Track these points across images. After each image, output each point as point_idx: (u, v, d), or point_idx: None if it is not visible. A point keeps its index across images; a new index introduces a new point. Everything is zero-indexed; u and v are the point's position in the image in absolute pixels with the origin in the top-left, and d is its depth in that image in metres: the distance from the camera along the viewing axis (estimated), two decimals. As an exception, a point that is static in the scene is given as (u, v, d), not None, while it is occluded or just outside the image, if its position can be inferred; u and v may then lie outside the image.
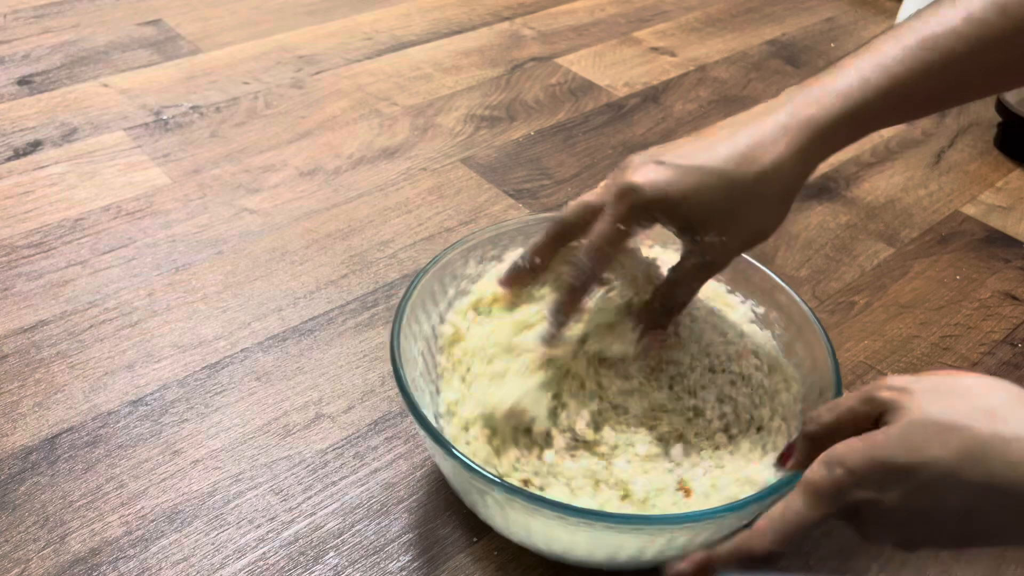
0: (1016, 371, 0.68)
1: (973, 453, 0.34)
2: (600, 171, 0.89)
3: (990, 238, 0.83)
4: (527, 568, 0.52)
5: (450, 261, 0.57)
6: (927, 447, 0.35)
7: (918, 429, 0.36)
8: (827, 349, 0.52)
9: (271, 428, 0.60)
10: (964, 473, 0.34)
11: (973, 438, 0.34)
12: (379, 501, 0.55)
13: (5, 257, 0.72)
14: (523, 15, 1.20)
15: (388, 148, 0.90)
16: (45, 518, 0.53)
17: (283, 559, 0.52)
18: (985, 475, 0.34)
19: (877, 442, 0.36)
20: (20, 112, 0.91)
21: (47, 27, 1.07)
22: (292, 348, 0.66)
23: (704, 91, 1.05)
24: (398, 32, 1.13)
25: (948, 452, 0.35)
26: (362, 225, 0.79)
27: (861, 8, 1.29)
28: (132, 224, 0.77)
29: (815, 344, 0.54)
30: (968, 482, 0.34)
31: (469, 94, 1.00)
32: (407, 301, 0.53)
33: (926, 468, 0.35)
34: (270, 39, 1.09)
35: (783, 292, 0.57)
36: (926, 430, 0.35)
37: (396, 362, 0.49)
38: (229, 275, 0.72)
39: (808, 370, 0.55)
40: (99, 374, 0.63)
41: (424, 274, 0.55)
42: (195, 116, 0.92)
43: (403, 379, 0.48)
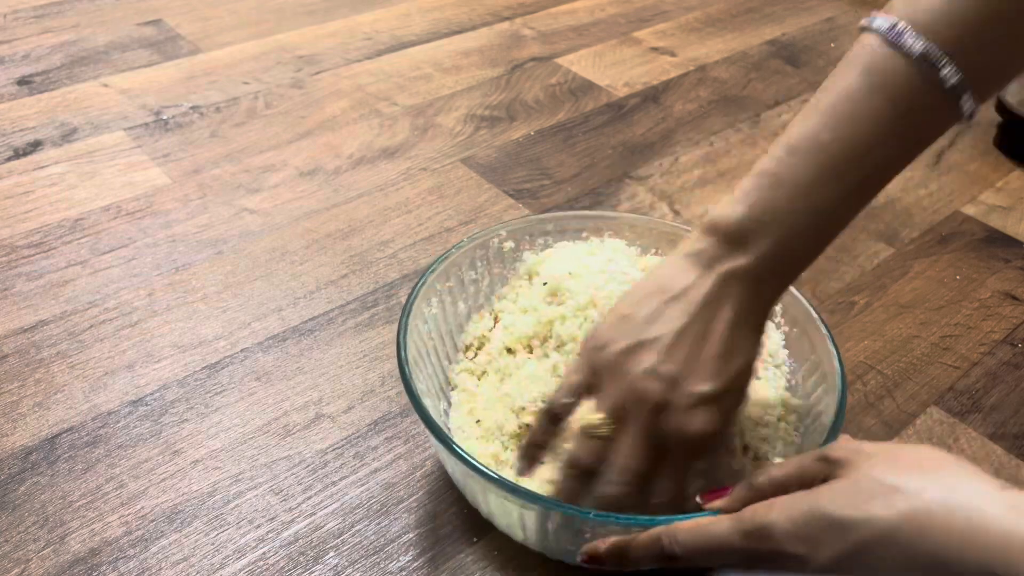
0: (1016, 371, 0.68)
1: (917, 518, 0.33)
2: (600, 171, 0.89)
3: (990, 238, 0.83)
4: (527, 568, 0.52)
5: (455, 261, 0.58)
6: (870, 505, 0.34)
7: (864, 487, 0.35)
8: (832, 350, 0.52)
9: (271, 428, 0.60)
10: (905, 537, 0.33)
11: (920, 504, 0.33)
12: (379, 501, 0.55)
13: (5, 257, 0.72)
14: (523, 15, 1.20)
15: (388, 148, 0.90)
16: (45, 518, 0.53)
17: (283, 559, 0.52)
18: (929, 546, 0.33)
19: (821, 494, 0.36)
20: (20, 112, 0.91)
21: (47, 27, 1.07)
22: (292, 348, 0.66)
23: (704, 91, 1.05)
24: (398, 32, 1.13)
25: (891, 512, 0.33)
26: (362, 225, 0.79)
27: (861, 8, 1.29)
28: (132, 224, 0.77)
29: (819, 344, 0.54)
30: (909, 548, 0.33)
31: (469, 94, 1.00)
32: (413, 299, 0.53)
33: (866, 525, 0.33)
34: (270, 39, 1.09)
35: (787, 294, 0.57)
36: (872, 488, 0.34)
37: (401, 355, 0.49)
38: (229, 275, 0.72)
39: (812, 370, 0.55)
40: (99, 374, 0.63)
41: (431, 272, 0.56)
42: (195, 116, 0.92)
43: (408, 375, 0.48)
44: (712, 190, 0.87)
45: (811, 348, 0.55)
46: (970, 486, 0.34)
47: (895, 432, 0.62)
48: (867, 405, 0.64)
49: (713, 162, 0.92)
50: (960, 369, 0.68)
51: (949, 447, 0.62)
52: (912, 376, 0.67)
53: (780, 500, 0.37)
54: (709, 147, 0.94)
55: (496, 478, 0.44)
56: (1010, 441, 0.62)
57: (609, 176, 0.88)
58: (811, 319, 0.55)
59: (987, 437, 0.62)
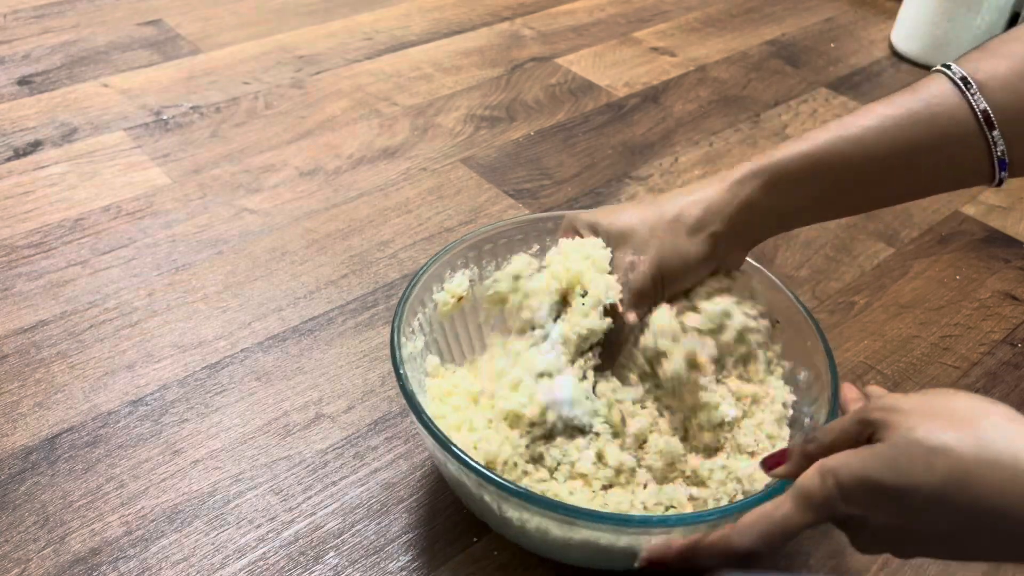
0: (1016, 371, 0.68)
1: (958, 478, 0.34)
2: (600, 171, 0.89)
3: (990, 238, 0.83)
4: (527, 568, 0.52)
5: (448, 260, 0.57)
6: (913, 471, 0.35)
7: (904, 451, 0.36)
8: (825, 352, 0.52)
9: (271, 428, 0.60)
10: (950, 498, 0.34)
11: (958, 462, 0.34)
12: (379, 501, 0.55)
13: (5, 257, 0.72)
14: (523, 15, 1.20)
15: (388, 148, 0.90)
16: (45, 518, 0.53)
17: (283, 559, 0.52)
18: (971, 500, 0.34)
19: (866, 460, 0.37)
20: (20, 112, 0.91)
21: (47, 27, 1.07)
22: (292, 348, 0.66)
23: (704, 91, 1.05)
24: (398, 32, 1.13)
25: (934, 477, 0.35)
26: (362, 225, 0.79)
27: (861, 8, 1.29)
28: (132, 224, 0.77)
29: (813, 346, 0.54)
30: (954, 506, 0.34)
31: (469, 94, 1.00)
32: (406, 300, 0.53)
33: (913, 492, 0.35)
34: (270, 39, 1.09)
35: (780, 292, 0.57)
36: (912, 452, 0.36)
37: (396, 357, 0.49)
38: (229, 275, 0.72)
39: (807, 370, 0.55)
40: (99, 374, 0.63)
41: (423, 272, 0.55)
42: (195, 116, 0.92)
43: (403, 376, 0.48)
44: (712, 190, 0.87)
45: (806, 352, 0.55)
46: (1007, 435, 0.35)
47: (895, 432, 0.62)
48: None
49: (713, 162, 0.92)
50: (960, 369, 0.68)
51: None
52: (912, 376, 0.67)
53: (827, 465, 0.38)
54: (709, 147, 0.94)
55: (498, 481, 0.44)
56: (1010, 441, 0.62)
57: (609, 176, 0.88)
58: (807, 323, 0.54)
59: (987, 437, 0.62)
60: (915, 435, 0.36)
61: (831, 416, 0.49)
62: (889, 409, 0.38)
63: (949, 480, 0.34)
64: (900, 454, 0.36)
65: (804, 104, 1.03)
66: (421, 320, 0.55)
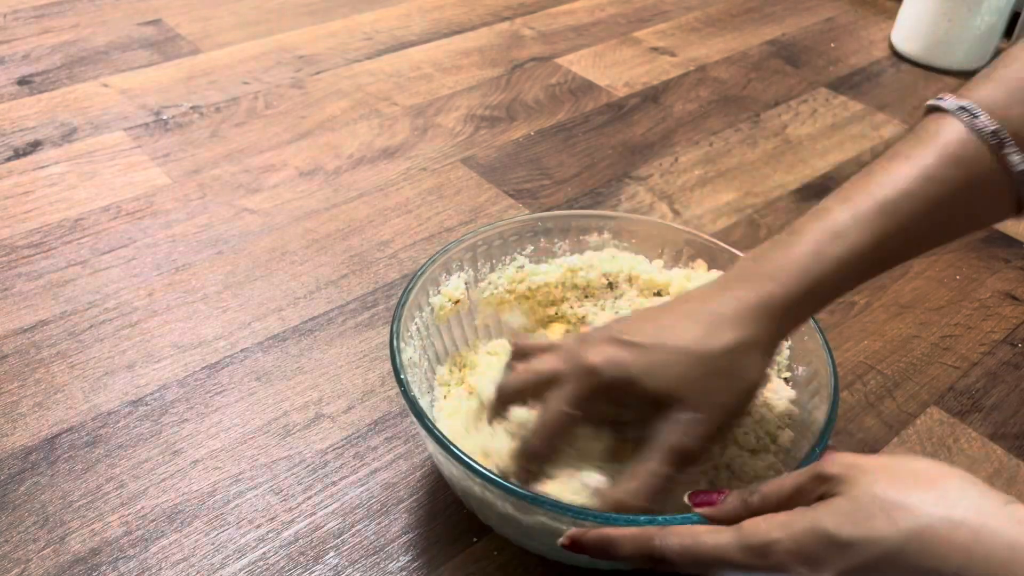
0: (1016, 371, 0.68)
1: (921, 535, 0.32)
2: (600, 171, 0.89)
3: (990, 238, 0.83)
4: (527, 568, 0.52)
5: (447, 260, 0.57)
6: (873, 523, 0.33)
7: (865, 505, 0.34)
8: (825, 352, 0.52)
9: (271, 428, 0.60)
10: (911, 556, 0.32)
11: (922, 520, 0.33)
12: (379, 501, 0.55)
13: (5, 257, 0.72)
14: (523, 15, 1.20)
15: (388, 148, 0.90)
16: (45, 518, 0.53)
17: (283, 559, 0.52)
18: (933, 560, 0.32)
19: (822, 513, 0.35)
20: (20, 112, 0.91)
21: (47, 27, 1.07)
22: (292, 348, 0.66)
23: (704, 91, 1.05)
24: (398, 32, 1.13)
25: (895, 531, 0.33)
26: (362, 225, 0.79)
27: (861, 8, 1.29)
28: (132, 224, 0.77)
29: (813, 347, 0.54)
30: (913, 566, 0.32)
31: (469, 94, 1.00)
32: (405, 300, 0.53)
33: (869, 545, 0.33)
34: (270, 39, 1.09)
35: None
36: (873, 507, 0.34)
37: (395, 357, 0.49)
38: (229, 275, 0.72)
39: (806, 372, 0.55)
40: (99, 374, 0.63)
41: (422, 273, 0.55)
42: (195, 116, 0.92)
43: (403, 377, 0.48)
44: (712, 190, 0.87)
45: (806, 351, 0.55)
46: (973, 500, 0.33)
47: (895, 432, 0.62)
48: (867, 405, 0.64)
49: (713, 162, 0.92)
50: (960, 369, 0.68)
51: (949, 447, 0.62)
52: (912, 376, 0.67)
53: (780, 517, 0.36)
54: (709, 147, 0.94)
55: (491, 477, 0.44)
56: (1010, 441, 0.62)
57: (609, 176, 0.88)
58: (808, 326, 0.54)
59: (987, 437, 0.62)
60: (876, 490, 0.34)
61: (831, 416, 0.48)
62: (849, 465, 0.36)
63: (912, 537, 0.32)
64: (860, 508, 0.34)
65: (804, 104, 1.03)
66: (419, 324, 0.55)
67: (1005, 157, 0.43)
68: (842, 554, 0.33)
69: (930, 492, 0.34)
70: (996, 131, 0.43)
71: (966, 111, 0.44)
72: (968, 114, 0.44)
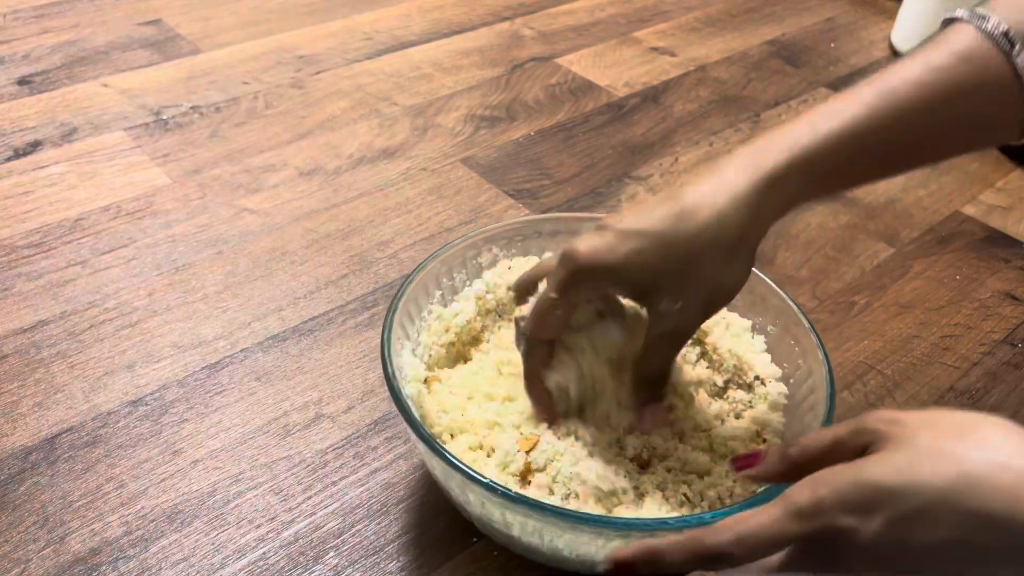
0: (1016, 371, 0.68)
1: (967, 480, 0.33)
2: (600, 171, 0.89)
3: (990, 238, 0.83)
4: (527, 568, 0.52)
5: (439, 264, 0.57)
6: (918, 471, 0.33)
7: (909, 454, 0.34)
8: (820, 353, 0.52)
9: (271, 428, 0.60)
10: (957, 500, 0.32)
11: (967, 465, 0.33)
12: (379, 501, 0.55)
13: (5, 257, 0.72)
14: (523, 15, 1.20)
15: (388, 148, 0.90)
16: (45, 518, 0.53)
17: (283, 559, 0.52)
18: (979, 503, 0.32)
19: (866, 465, 0.35)
20: (20, 112, 0.91)
21: (47, 27, 1.07)
22: (292, 348, 0.66)
23: (704, 91, 1.05)
24: (398, 32, 1.13)
25: (940, 478, 0.33)
26: (362, 225, 0.79)
27: (861, 8, 1.29)
28: (132, 224, 0.77)
29: (807, 346, 0.54)
30: (961, 510, 0.32)
31: (469, 94, 1.00)
32: (398, 302, 0.53)
33: (917, 493, 0.33)
34: (270, 39, 1.09)
35: (774, 295, 0.57)
36: (918, 456, 0.34)
37: (387, 365, 0.49)
38: (229, 275, 0.72)
39: (800, 372, 0.55)
40: (99, 374, 0.63)
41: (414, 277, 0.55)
42: (195, 116, 0.92)
43: (394, 382, 0.48)
44: (712, 190, 0.87)
45: (802, 354, 0.55)
46: (1016, 445, 0.33)
47: (895, 432, 0.62)
48: (867, 405, 0.64)
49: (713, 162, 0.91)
50: (960, 369, 0.68)
51: (949, 447, 0.62)
52: (912, 376, 0.67)
53: (821, 475, 0.35)
54: (709, 147, 0.94)
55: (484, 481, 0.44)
56: (1010, 441, 0.62)
57: (609, 176, 0.88)
58: (800, 325, 0.54)
59: (987, 437, 0.62)
60: (919, 441, 0.34)
61: (827, 416, 0.48)
62: (888, 420, 0.36)
63: (957, 482, 0.33)
64: (903, 458, 0.34)
65: (804, 104, 1.03)
66: (410, 330, 0.55)
67: (1014, 58, 0.43)
68: (890, 501, 0.33)
69: (972, 439, 0.34)
70: (1006, 32, 0.43)
71: (978, 16, 0.44)
72: (979, 18, 0.44)
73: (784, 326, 0.57)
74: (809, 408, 0.52)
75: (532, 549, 0.48)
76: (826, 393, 0.50)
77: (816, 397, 0.51)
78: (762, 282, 0.57)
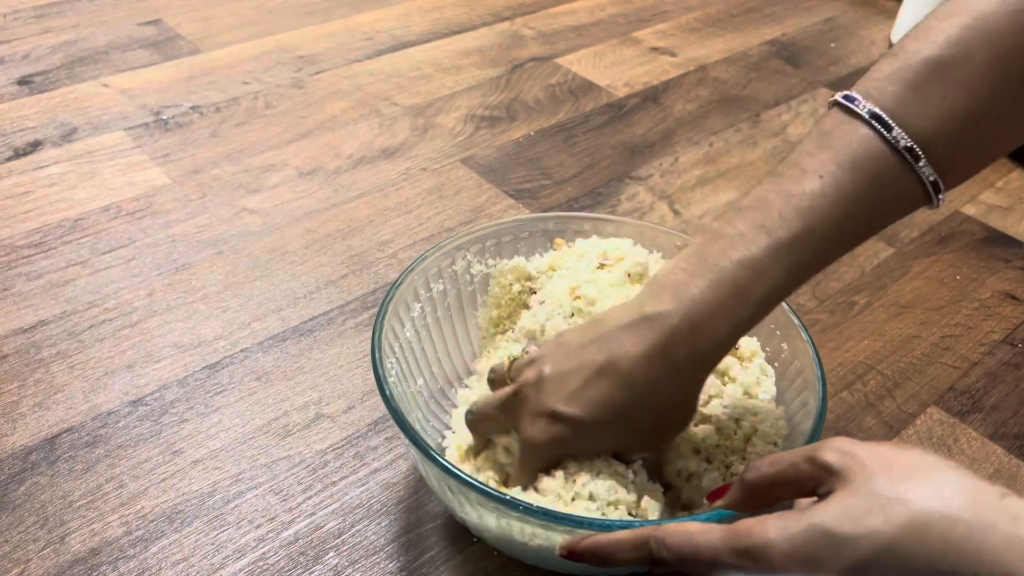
0: (1016, 371, 0.68)
1: (915, 530, 0.32)
2: (600, 171, 0.89)
3: (990, 238, 0.83)
4: (527, 568, 0.52)
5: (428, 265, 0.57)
6: (869, 518, 0.33)
7: (861, 500, 0.34)
8: (812, 352, 0.52)
9: (271, 428, 0.60)
10: (905, 550, 0.32)
11: (917, 513, 0.32)
12: (379, 501, 0.55)
13: (5, 257, 0.72)
14: (523, 15, 1.20)
15: (388, 148, 0.90)
16: (45, 518, 0.53)
17: (283, 559, 0.52)
18: (927, 555, 0.32)
19: (818, 511, 0.34)
20: (20, 112, 0.91)
21: (47, 27, 1.07)
22: (292, 348, 0.66)
23: (704, 91, 1.05)
24: (398, 32, 1.13)
25: (890, 526, 0.32)
26: (362, 225, 0.79)
27: (861, 8, 1.29)
28: (132, 224, 0.77)
29: (801, 351, 0.53)
30: (908, 560, 0.32)
31: (469, 94, 1.00)
32: (384, 315, 0.52)
33: (865, 540, 0.33)
34: (270, 39, 1.09)
35: None
36: (869, 501, 0.33)
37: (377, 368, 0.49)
38: (229, 275, 0.72)
39: (791, 371, 0.55)
40: (99, 374, 0.63)
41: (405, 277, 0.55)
42: (195, 116, 0.92)
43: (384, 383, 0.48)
44: (712, 190, 0.87)
45: (793, 355, 0.55)
46: (969, 494, 0.33)
47: (895, 432, 0.62)
48: (867, 405, 0.64)
49: (713, 162, 0.92)
50: (960, 369, 0.68)
51: (949, 447, 0.62)
52: (912, 376, 0.67)
53: (774, 518, 0.35)
54: (709, 147, 0.94)
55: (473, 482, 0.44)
56: (1010, 441, 0.62)
57: (609, 176, 0.88)
58: (792, 325, 0.54)
59: (987, 437, 0.62)
60: (872, 485, 0.34)
61: (819, 420, 0.48)
62: (843, 452, 0.36)
63: (905, 531, 0.32)
64: (856, 503, 0.34)
65: (804, 104, 1.03)
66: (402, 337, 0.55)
67: (919, 170, 0.44)
68: (840, 551, 0.33)
69: (926, 485, 0.33)
70: (911, 148, 0.43)
71: (880, 121, 0.43)
72: (883, 125, 0.43)
73: (776, 327, 0.57)
74: (799, 408, 0.52)
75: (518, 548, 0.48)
76: (818, 392, 0.50)
77: (808, 395, 0.51)
78: None
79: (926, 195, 0.45)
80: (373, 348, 0.50)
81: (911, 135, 0.43)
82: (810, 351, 0.52)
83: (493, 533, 0.47)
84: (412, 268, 0.56)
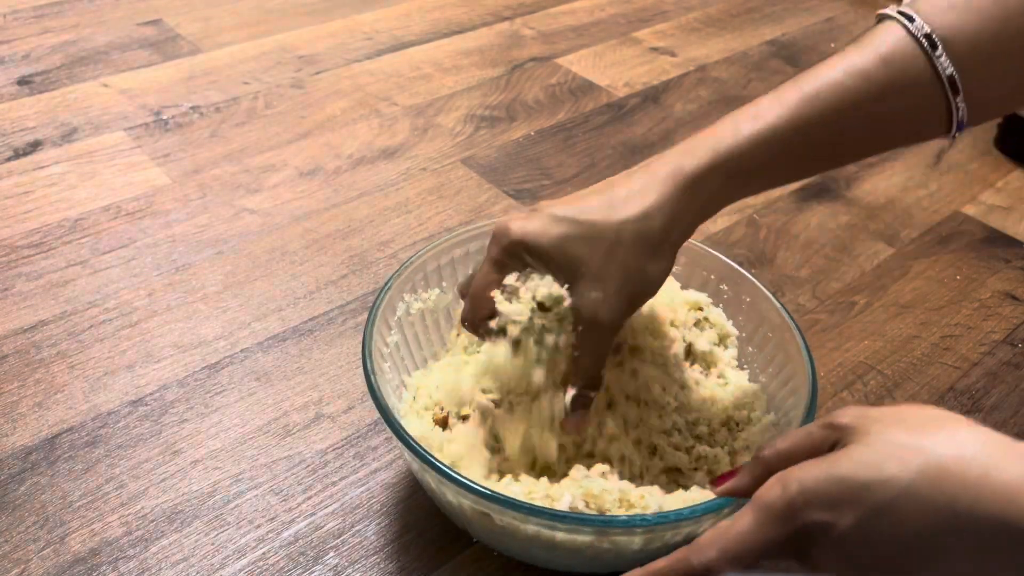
0: (1016, 371, 0.68)
1: (932, 473, 0.33)
2: (600, 171, 0.89)
3: (990, 238, 0.83)
4: (527, 568, 0.52)
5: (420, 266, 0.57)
6: (886, 465, 0.34)
7: (877, 448, 0.35)
8: (803, 351, 0.52)
9: (271, 428, 0.60)
10: (922, 493, 0.33)
11: (933, 458, 0.33)
12: (379, 501, 0.55)
13: (5, 257, 0.72)
14: (523, 15, 1.20)
15: (388, 148, 0.90)
16: (45, 518, 0.53)
17: (283, 559, 0.52)
18: (944, 498, 0.33)
19: (834, 460, 0.35)
20: (20, 112, 0.91)
21: (47, 27, 1.07)
22: (292, 348, 0.66)
23: (704, 91, 1.05)
24: (398, 32, 1.13)
25: (907, 471, 0.33)
26: (362, 225, 0.79)
27: (861, 8, 1.29)
28: (132, 224, 0.77)
29: (794, 353, 0.53)
30: (926, 502, 0.33)
31: (469, 94, 1.00)
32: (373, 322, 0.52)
33: (883, 486, 0.33)
34: (270, 39, 1.09)
35: (761, 296, 0.57)
36: (885, 449, 0.34)
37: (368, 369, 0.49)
38: (229, 275, 0.72)
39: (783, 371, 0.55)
40: (99, 374, 0.63)
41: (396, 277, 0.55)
42: (195, 116, 0.92)
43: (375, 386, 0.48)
44: (712, 190, 0.87)
45: (786, 357, 0.55)
46: (982, 440, 0.34)
47: (895, 432, 0.62)
48: (867, 405, 0.64)
49: (713, 162, 0.92)
50: (960, 369, 0.68)
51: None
52: (912, 376, 0.67)
53: (791, 472, 0.36)
54: (709, 147, 0.94)
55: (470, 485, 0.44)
56: (1010, 441, 0.62)
57: (609, 176, 0.88)
58: (787, 327, 0.54)
59: (987, 437, 0.62)
60: (887, 436, 0.35)
61: (808, 419, 0.48)
62: (857, 415, 0.37)
63: (922, 474, 0.33)
64: (871, 452, 0.35)
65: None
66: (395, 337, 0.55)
67: (935, 60, 0.44)
68: (859, 497, 0.34)
69: (939, 434, 0.34)
70: (929, 34, 0.44)
71: (906, 15, 0.45)
72: (907, 17, 0.45)
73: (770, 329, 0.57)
74: (791, 408, 0.53)
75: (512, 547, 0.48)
76: (807, 391, 0.50)
77: (799, 397, 0.51)
78: (747, 282, 0.58)
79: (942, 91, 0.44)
80: (363, 351, 0.50)
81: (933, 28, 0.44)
82: (802, 350, 0.52)
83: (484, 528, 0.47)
84: (405, 266, 0.56)
